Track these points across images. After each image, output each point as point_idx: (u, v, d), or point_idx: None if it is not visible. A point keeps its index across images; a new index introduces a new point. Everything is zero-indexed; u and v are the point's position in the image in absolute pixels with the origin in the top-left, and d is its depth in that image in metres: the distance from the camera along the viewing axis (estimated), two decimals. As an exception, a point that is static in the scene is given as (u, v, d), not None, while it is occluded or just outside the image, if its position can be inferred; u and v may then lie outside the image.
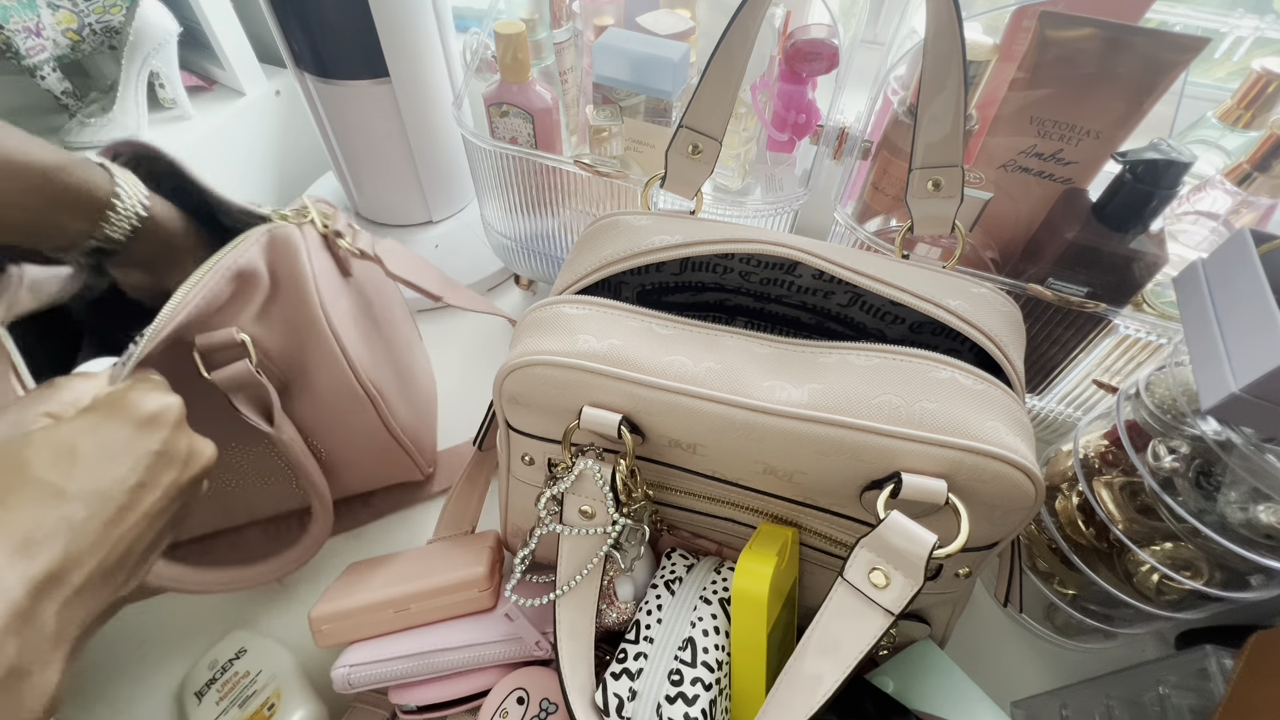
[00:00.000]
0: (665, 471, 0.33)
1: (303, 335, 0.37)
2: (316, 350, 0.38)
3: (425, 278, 0.44)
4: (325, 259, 0.40)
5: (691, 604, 0.33)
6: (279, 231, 0.37)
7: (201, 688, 0.40)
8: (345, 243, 0.40)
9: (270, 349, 0.37)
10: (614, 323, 0.32)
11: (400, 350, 0.48)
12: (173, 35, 0.71)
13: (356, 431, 0.42)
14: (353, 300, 0.42)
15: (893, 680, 0.36)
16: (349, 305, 0.41)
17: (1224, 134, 0.44)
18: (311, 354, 0.38)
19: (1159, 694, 0.34)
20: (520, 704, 0.35)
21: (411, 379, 0.49)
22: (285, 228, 0.38)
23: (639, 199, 0.41)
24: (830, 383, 0.29)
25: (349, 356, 0.39)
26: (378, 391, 0.41)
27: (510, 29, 0.47)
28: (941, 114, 0.35)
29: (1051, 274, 0.43)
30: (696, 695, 0.30)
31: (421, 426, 0.49)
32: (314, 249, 0.38)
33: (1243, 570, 0.34)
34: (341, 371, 0.39)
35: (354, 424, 0.41)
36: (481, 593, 0.38)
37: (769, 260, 0.37)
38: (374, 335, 0.43)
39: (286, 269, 0.37)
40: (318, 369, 0.38)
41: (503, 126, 0.53)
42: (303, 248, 0.38)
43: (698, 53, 0.54)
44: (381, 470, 0.46)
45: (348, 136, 0.62)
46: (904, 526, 0.26)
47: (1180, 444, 0.34)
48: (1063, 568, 0.41)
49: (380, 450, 0.44)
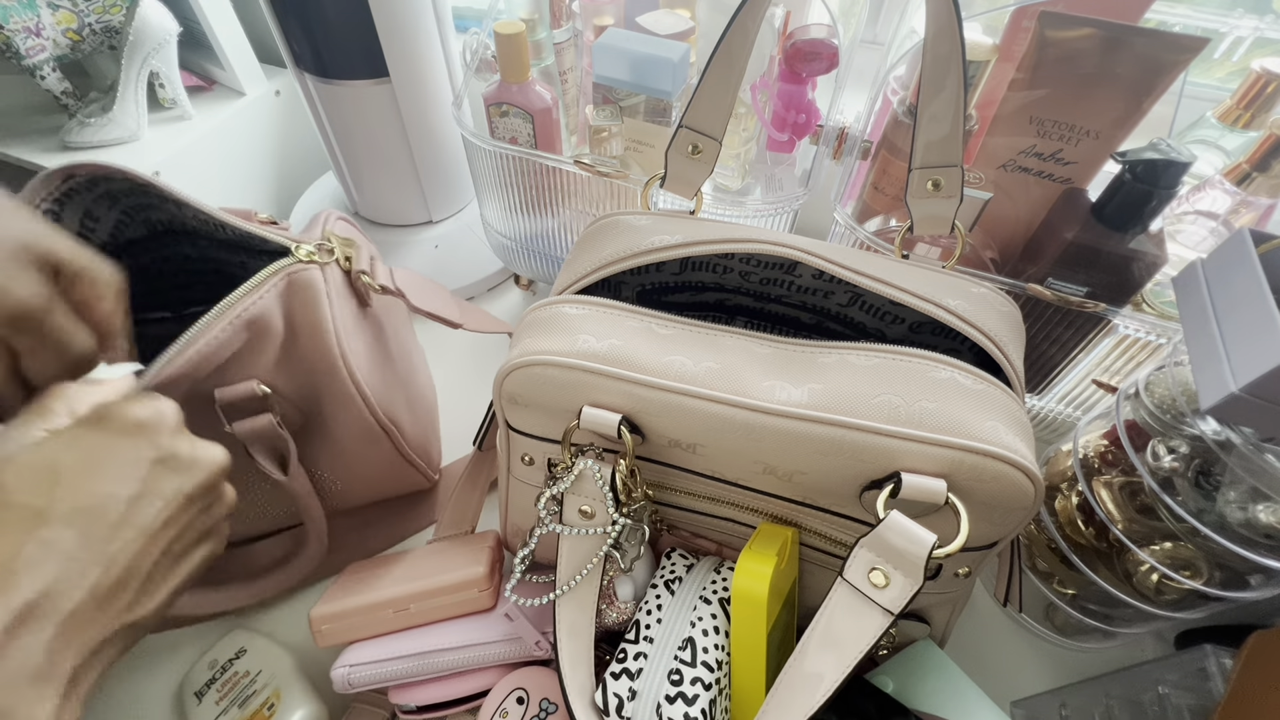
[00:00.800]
0: (665, 471, 0.33)
1: (321, 381, 0.37)
2: (335, 396, 0.37)
3: (444, 306, 0.43)
4: (346, 300, 0.38)
5: (691, 604, 0.33)
6: (299, 277, 0.35)
7: (201, 688, 0.40)
8: (368, 279, 0.39)
9: (288, 394, 0.36)
10: (614, 323, 0.32)
11: (404, 363, 0.47)
12: (173, 35, 0.71)
13: (372, 463, 0.42)
14: (369, 333, 0.41)
15: (893, 680, 0.36)
16: (366, 342, 0.40)
17: (1223, 134, 0.44)
18: (329, 399, 0.37)
19: (1158, 694, 0.34)
20: (520, 704, 0.35)
21: (416, 390, 0.49)
22: (307, 272, 0.36)
23: (639, 199, 0.41)
24: (830, 382, 0.29)
25: (367, 398, 0.38)
26: (392, 422, 0.40)
27: (510, 29, 0.47)
28: (941, 114, 0.35)
29: (1051, 274, 0.43)
30: (696, 695, 0.30)
31: (428, 436, 0.49)
32: (336, 292, 0.37)
33: (1242, 570, 0.34)
34: (360, 413, 0.38)
35: (370, 457, 0.41)
36: (481, 593, 0.38)
37: (769, 260, 0.37)
38: (386, 362, 0.42)
39: (307, 317, 0.35)
40: (336, 412, 0.38)
41: (503, 126, 0.53)
42: (324, 294, 0.36)
43: (698, 53, 0.54)
44: (390, 485, 0.46)
45: (348, 136, 0.62)
46: (904, 526, 0.26)
47: (1180, 444, 0.34)
48: (1062, 568, 0.41)
49: (393, 473, 0.44)
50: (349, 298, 0.39)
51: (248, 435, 0.35)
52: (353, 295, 0.39)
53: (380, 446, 0.41)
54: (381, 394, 0.40)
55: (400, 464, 0.43)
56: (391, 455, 0.42)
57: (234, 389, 0.34)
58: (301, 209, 0.74)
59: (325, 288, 0.36)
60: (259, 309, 0.34)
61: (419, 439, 0.45)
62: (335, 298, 0.37)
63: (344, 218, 0.43)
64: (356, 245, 0.39)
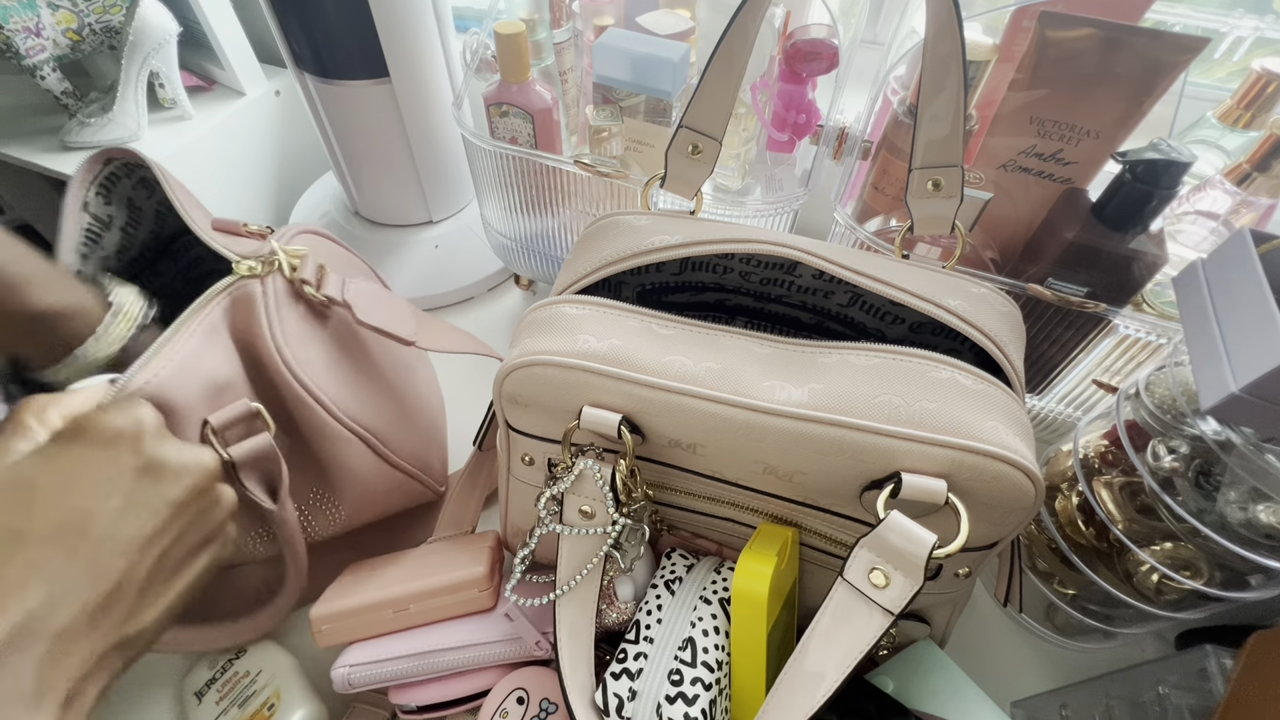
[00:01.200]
0: (665, 471, 0.33)
1: (281, 392, 0.37)
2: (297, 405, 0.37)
3: (397, 322, 0.42)
4: (291, 308, 0.38)
5: (691, 604, 0.33)
6: (240, 293, 0.36)
7: (201, 688, 0.40)
8: (311, 291, 0.39)
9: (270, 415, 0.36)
10: (614, 323, 0.32)
11: (397, 374, 0.47)
12: (173, 35, 0.71)
13: (361, 472, 0.41)
14: (329, 342, 0.40)
15: (893, 680, 0.36)
16: (322, 351, 0.39)
17: (1224, 134, 0.44)
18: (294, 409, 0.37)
19: (1159, 694, 0.34)
20: (520, 704, 0.35)
21: (414, 401, 0.48)
22: (245, 287, 0.36)
23: (639, 199, 0.41)
24: (830, 383, 0.29)
25: (326, 405, 0.38)
26: (369, 430, 0.40)
27: (510, 29, 0.47)
28: (941, 114, 0.35)
29: (1051, 274, 0.43)
30: (696, 695, 0.30)
31: (429, 448, 0.48)
32: (278, 302, 0.37)
33: (1242, 570, 0.34)
34: (323, 421, 0.38)
35: (355, 466, 0.40)
36: (481, 593, 0.38)
37: (769, 260, 0.37)
38: (358, 372, 0.42)
39: (249, 332, 0.36)
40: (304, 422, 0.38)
41: (503, 126, 0.53)
42: (260, 307, 0.36)
43: (698, 53, 0.54)
44: (395, 500, 0.45)
45: (348, 136, 0.62)
46: (904, 526, 0.26)
47: (1180, 444, 0.34)
48: (1063, 568, 0.41)
49: (390, 484, 0.43)
50: (295, 307, 0.39)
51: (246, 458, 0.34)
52: (301, 303, 0.39)
53: (360, 455, 0.40)
54: (349, 402, 0.39)
55: (392, 474, 0.43)
56: (378, 464, 0.41)
57: (227, 411, 0.34)
58: (301, 209, 0.74)
59: (264, 300, 0.37)
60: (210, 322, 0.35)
61: (416, 449, 0.45)
62: (275, 309, 0.37)
63: (316, 231, 0.43)
64: (304, 258, 0.39)
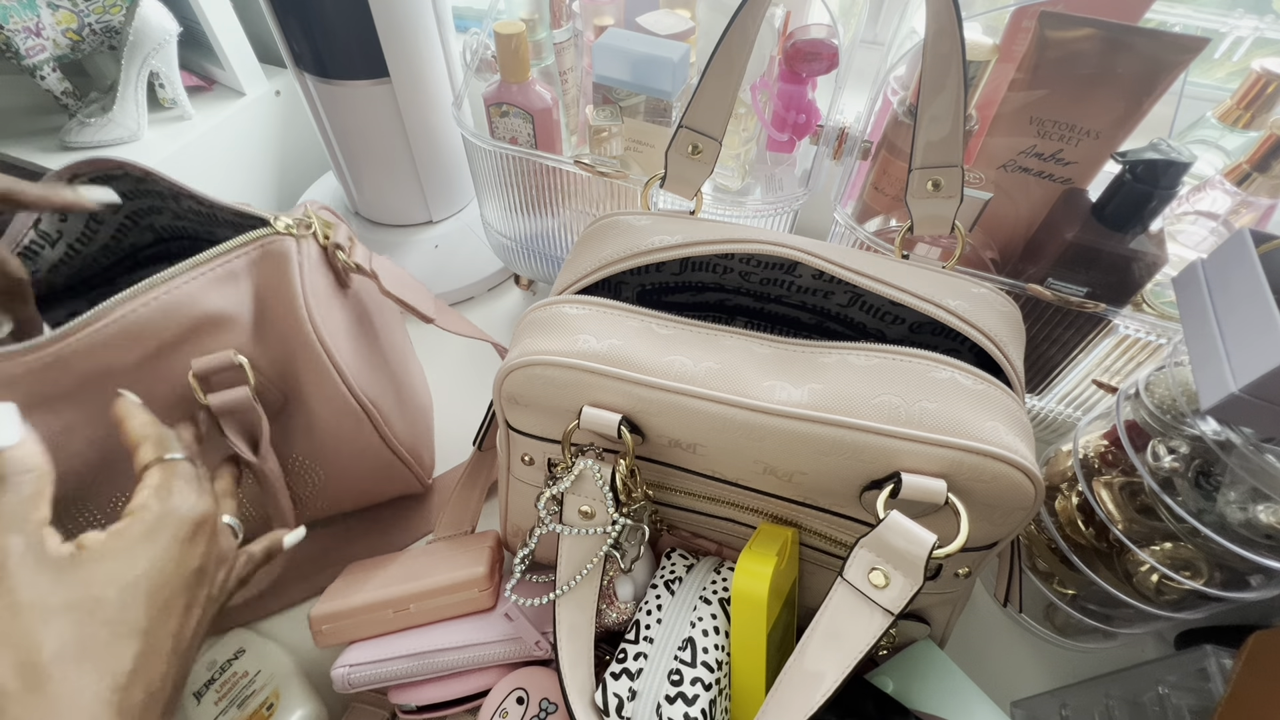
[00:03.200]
0: (665, 471, 0.33)
1: (295, 351, 0.37)
2: (309, 367, 0.37)
3: (419, 298, 0.43)
4: (321, 273, 0.38)
5: (691, 604, 0.33)
6: (273, 246, 0.36)
7: (200, 688, 0.40)
8: (344, 256, 0.39)
9: (266, 369, 0.36)
10: (614, 323, 0.32)
11: (397, 362, 0.47)
12: (173, 35, 0.71)
13: (354, 447, 0.41)
14: (349, 313, 0.41)
15: (893, 680, 0.36)
16: (344, 319, 0.40)
17: (1224, 134, 0.44)
18: (305, 371, 0.37)
19: (1158, 694, 0.34)
20: (520, 704, 0.35)
21: (409, 391, 0.48)
22: (281, 241, 0.36)
23: (639, 199, 0.41)
24: (830, 383, 0.29)
25: (342, 372, 0.38)
26: (374, 406, 0.40)
27: (510, 29, 0.47)
28: (941, 114, 0.35)
29: (1051, 274, 0.43)
30: (696, 695, 0.30)
31: (420, 439, 0.48)
32: (310, 263, 0.37)
33: (1242, 570, 0.34)
34: (335, 388, 0.38)
35: (351, 439, 0.41)
36: (481, 593, 0.38)
37: (769, 260, 0.37)
38: (370, 348, 0.42)
39: (277, 284, 0.36)
40: (311, 386, 0.38)
41: (503, 126, 0.53)
42: (295, 263, 0.36)
43: (698, 53, 0.54)
44: (380, 485, 0.46)
45: (348, 136, 0.62)
46: (904, 526, 0.26)
47: (1180, 444, 0.34)
48: (1062, 568, 0.41)
49: (378, 465, 0.43)
50: (325, 273, 0.39)
51: (222, 408, 0.34)
52: (330, 271, 0.39)
53: (360, 427, 0.40)
54: (361, 374, 0.39)
55: (386, 456, 0.43)
56: (374, 442, 0.41)
57: (210, 359, 0.34)
58: (301, 209, 0.74)
59: (298, 258, 0.37)
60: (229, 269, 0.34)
61: (408, 436, 0.45)
62: (308, 269, 0.37)
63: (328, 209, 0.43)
64: (335, 225, 0.40)
